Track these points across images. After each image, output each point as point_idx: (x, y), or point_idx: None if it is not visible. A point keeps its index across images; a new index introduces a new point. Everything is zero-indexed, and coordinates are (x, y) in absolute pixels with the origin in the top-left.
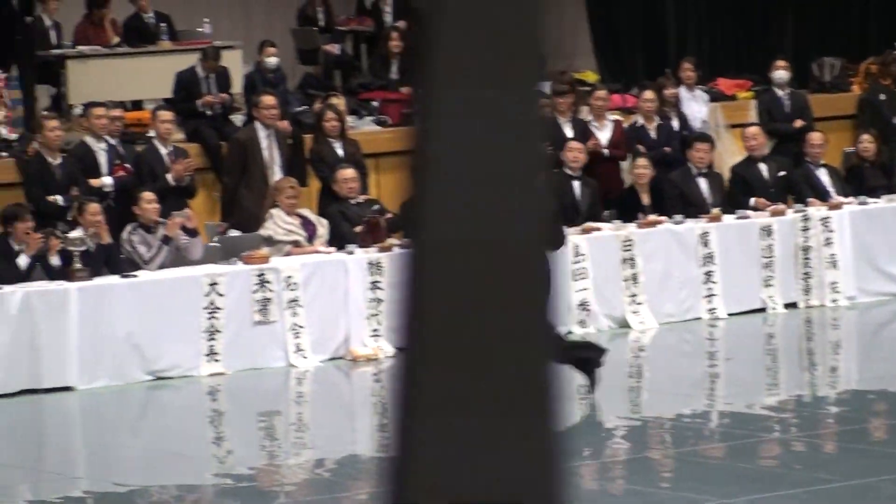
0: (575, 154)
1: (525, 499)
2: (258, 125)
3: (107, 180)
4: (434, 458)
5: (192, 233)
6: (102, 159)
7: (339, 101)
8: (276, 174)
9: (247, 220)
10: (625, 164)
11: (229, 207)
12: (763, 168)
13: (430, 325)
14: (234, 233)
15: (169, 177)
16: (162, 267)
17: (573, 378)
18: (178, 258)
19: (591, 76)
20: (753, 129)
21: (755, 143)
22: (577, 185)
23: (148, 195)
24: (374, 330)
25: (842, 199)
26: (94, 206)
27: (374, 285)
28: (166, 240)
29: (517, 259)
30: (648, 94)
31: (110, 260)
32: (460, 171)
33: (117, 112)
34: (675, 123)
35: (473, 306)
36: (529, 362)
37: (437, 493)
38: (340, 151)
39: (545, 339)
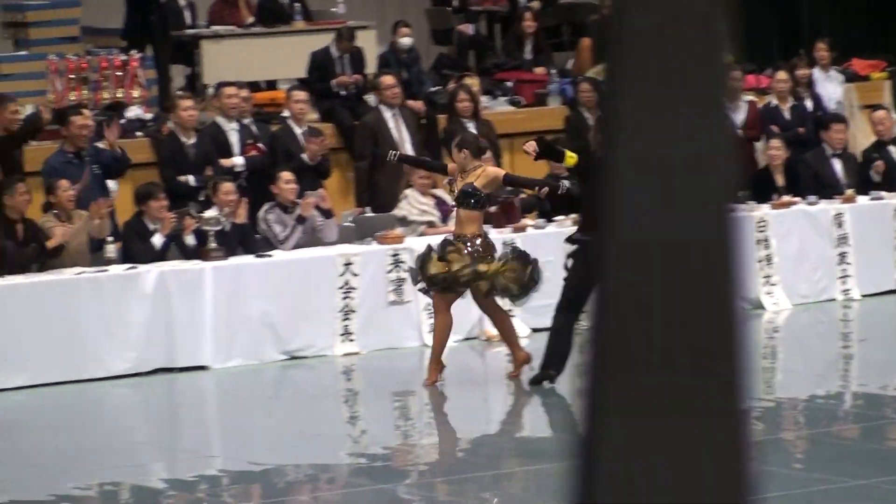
0: None
1: (714, 500)
2: (383, 106)
3: (238, 160)
4: (621, 459)
5: (326, 214)
6: (234, 139)
7: (473, 82)
8: (409, 153)
9: (382, 201)
10: (759, 145)
11: (364, 191)
12: (893, 151)
13: (617, 324)
14: (368, 213)
15: (304, 156)
16: (297, 247)
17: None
18: (313, 238)
19: None
20: (881, 114)
21: (883, 128)
22: None
23: (286, 175)
24: (508, 310)
25: None
26: (227, 185)
27: None
28: (301, 220)
29: (706, 259)
30: (782, 75)
31: (244, 239)
32: (648, 173)
33: (244, 92)
34: (809, 104)
35: (661, 307)
36: (717, 362)
37: (624, 495)
38: (473, 132)
39: (734, 339)
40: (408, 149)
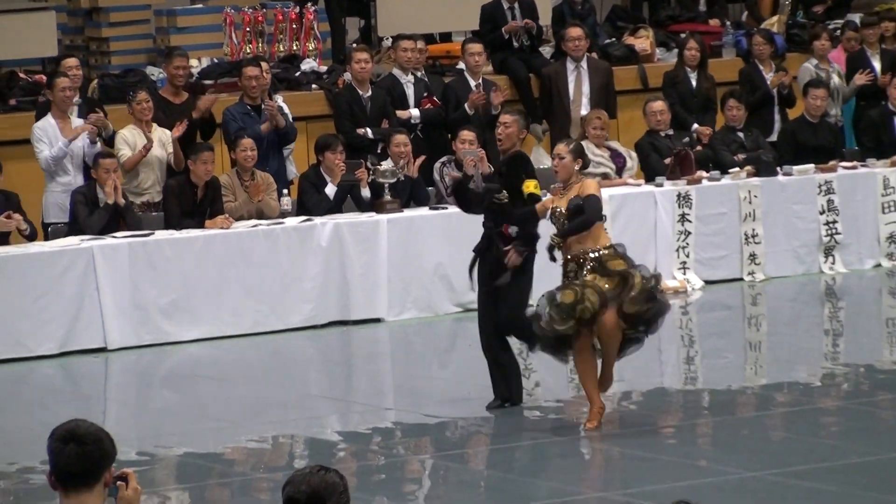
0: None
1: None
2: (568, 59)
3: (414, 112)
4: None
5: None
6: (410, 92)
7: (647, 34)
8: (584, 107)
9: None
10: None
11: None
12: None
13: None
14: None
15: (466, 106)
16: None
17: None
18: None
19: None
20: None
21: None
22: None
23: (466, 134)
24: (682, 262)
25: None
26: (400, 137)
27: (683, 218)
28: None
29: None
30: None
31: (414, 193)
32: None
33: (420, 45)
34: None
35: None
36: None
37: None
38: (694, 83)
39: None
40: (584, 104)
